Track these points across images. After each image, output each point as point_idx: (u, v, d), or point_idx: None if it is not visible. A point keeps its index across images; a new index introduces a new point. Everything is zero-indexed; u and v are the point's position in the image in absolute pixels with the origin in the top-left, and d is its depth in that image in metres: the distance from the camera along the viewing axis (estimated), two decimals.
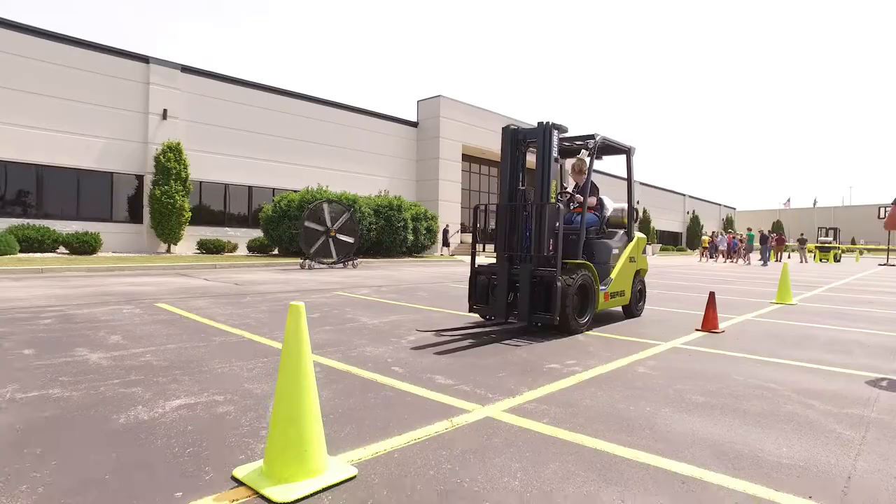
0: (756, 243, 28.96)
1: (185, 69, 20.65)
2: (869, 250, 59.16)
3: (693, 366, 4.18)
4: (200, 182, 21.60)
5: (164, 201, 18.89)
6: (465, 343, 4.88)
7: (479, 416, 2.90)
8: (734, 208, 73.71)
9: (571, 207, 6.33)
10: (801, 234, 37.03)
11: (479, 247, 6.19)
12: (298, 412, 2.06)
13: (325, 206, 15.80)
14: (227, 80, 22.30)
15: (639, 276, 7.04)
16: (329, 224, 15.39)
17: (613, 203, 6.93)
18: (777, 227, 63.05)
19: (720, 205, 68.23)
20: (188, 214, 19.68)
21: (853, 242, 64.80)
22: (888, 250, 35.38)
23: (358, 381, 3.54)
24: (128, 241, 19.41)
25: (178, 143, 19.55)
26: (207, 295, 7.99)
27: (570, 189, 6.76)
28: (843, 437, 2.68)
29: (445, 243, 28.53)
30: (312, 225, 15.21)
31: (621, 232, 6.76)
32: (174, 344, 4.50)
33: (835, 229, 38.07)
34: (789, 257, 38.46)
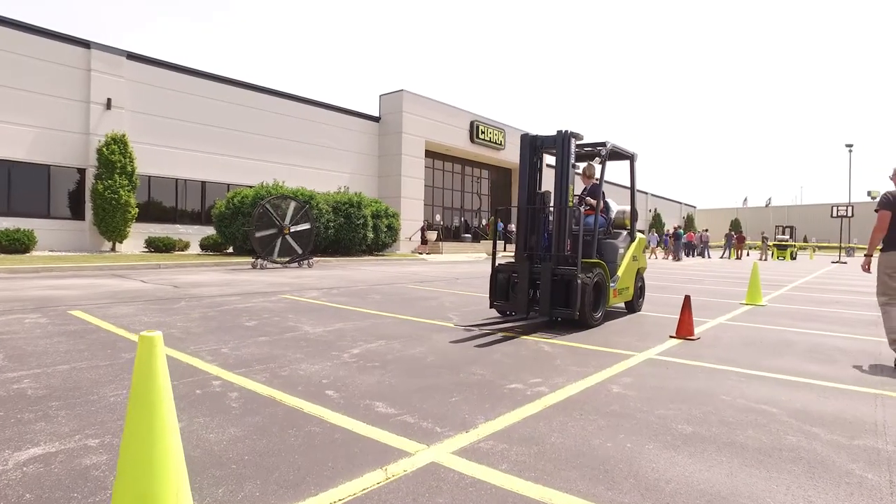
0: (695, 241, 31.41)
1: (132, 56, 19.41)
2: (820, 248, 60.95)
3: (673, 383, 3.69)
4: (149, 177, 20.42)
5: (108, 196, 17.69)
6: (419, 357, 4.30)
7: (422, 460, 2.32)
8: (694, 207, 75.05)
9: (582, 210, 6.59)
10: (763, 233, 37.83)
11: (443, 244, 6.21)
12: (150, 487, 1.44)
13: (279, 202, 14.99)
14: (178, 69, 21.12)
15: (639, 273, 7.37)
16: (283, 221, 14.57)
17: (617, 205, 7.32)
18: (735, 225, 64.38)
19: (681, 203, 69.32)
20: (135, 210, 18.51)
21: (805, 240, 66.70)
22: (840, 248, 36.33)
23: (280, 411, 2.92)
24: (68, 238, 18.14)
25: (124, 135, 18.35)
26: (138, 300, 7.19)
27: (576, 192, 6.95)
28: (865, 482, 2.19)
29: (423, 241, 27.74)
30: (264, 222, 14.38)
31: (625, 233, 7.10)
32: (68, 364, 3.78)
33: (791, 227, 38.85)
34: (748, 255, 39.17)
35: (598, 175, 6.76)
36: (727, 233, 38.59)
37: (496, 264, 6.22)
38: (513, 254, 6.51)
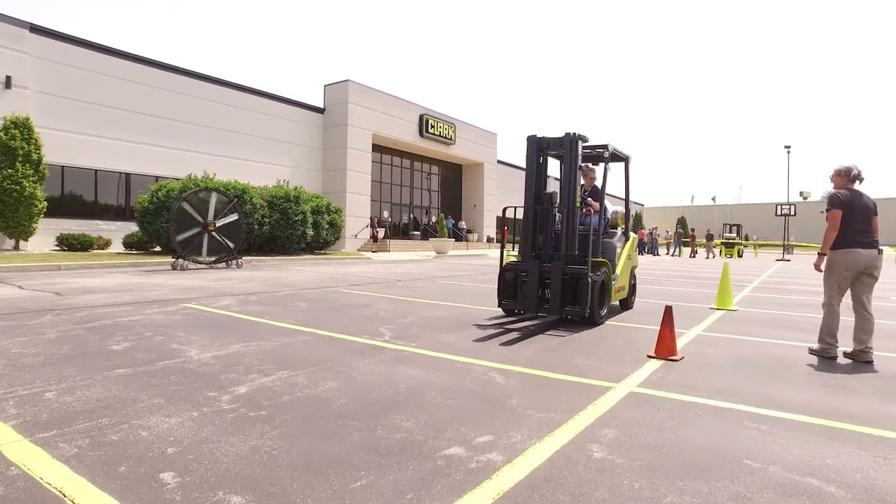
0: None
1: (36, 29, 17.32)
2: (761, 245, 62.88)
3: (672, 436, 2.68)
4: (62, 167, 18.40)
5: (8, 188, 15.63)
6: (326, 399, 3.14)
7: None
8: (643, 205, 76.27)
9: (584, 210, 6.52)
10: (709, 230, 38.09)
11: (391, 242, 5.47)
12: None
13: (204, 195, 13.46)
14: (95, 47, 19.10)
15: (632, 271, 7.55)
16: (207, 216, 13.06)
17: (611, 206, 7.43)
18: (682, 222, 65.67)
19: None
20: (43, 204, 16.48)
21: (747, 238, 68.72)
22: (784, 246, 37.09)
23: None
24: None
25: (28, 119, 16.30)
26: None
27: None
28: None
29: (374, 238, 26.33)
30: (186, 218, 12.85)
31: (620, 232, 7.23)
32: None
33: (738, 226, 39.43)
34: (697, 252, 39.51)
35: (596, 175, 7.00)
36: (676, 230, 38.81)
37: (503, 263, 6.28)
38: (466, 252, 5.92)
